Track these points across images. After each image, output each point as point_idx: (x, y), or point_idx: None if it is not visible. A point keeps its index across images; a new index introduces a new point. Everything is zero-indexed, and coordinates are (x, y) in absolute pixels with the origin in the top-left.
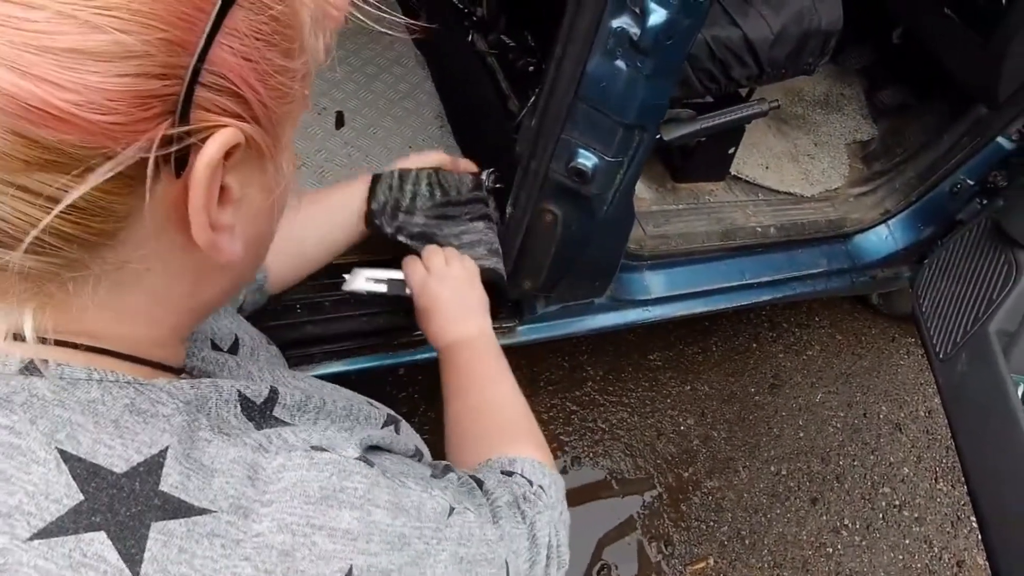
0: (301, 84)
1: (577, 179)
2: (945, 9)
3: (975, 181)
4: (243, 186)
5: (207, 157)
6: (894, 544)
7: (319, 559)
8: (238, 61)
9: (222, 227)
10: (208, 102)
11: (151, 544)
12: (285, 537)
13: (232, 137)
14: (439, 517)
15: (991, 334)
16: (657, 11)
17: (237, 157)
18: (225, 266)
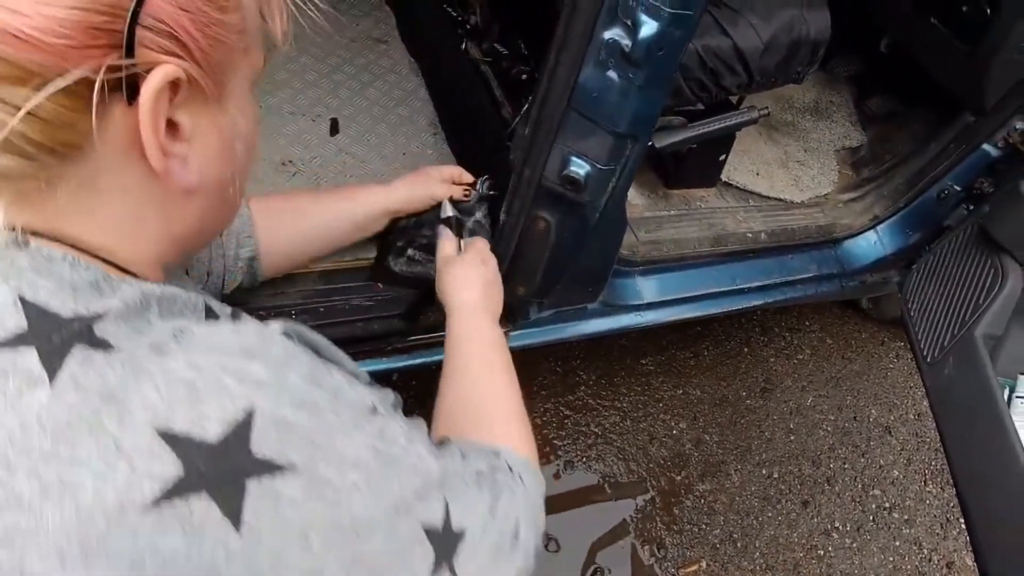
0: (239, 37)
1: (570, 187)
2: (931, 19)
3: (962, 187)
4: (194, 123)
5: (150, 85)
6: (884, 546)
7: (223, 395)
8: (174, 10)
9: (173, 155)
10: (151, 42)
11: (70, 361)
12: (194, 374)
13: (171, 72)
14: (358, 407)
15: (978, 338)
16: (648, 23)
17: (183, 95)
18: (189, 198)
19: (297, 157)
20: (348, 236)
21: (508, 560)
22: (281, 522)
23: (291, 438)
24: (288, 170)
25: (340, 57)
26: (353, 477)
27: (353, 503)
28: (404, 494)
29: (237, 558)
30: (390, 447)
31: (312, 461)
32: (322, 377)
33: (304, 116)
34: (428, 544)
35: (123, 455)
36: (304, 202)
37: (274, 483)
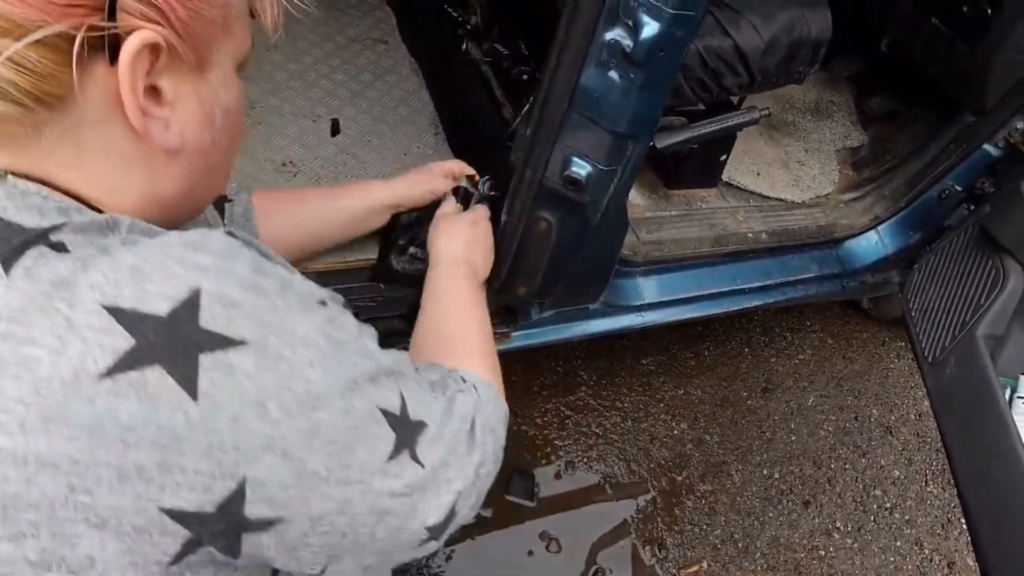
0: (220, 12)
1: (571, 187)
2: (932, 19)
3: (963, 187)
4: (175, 89)
5: (128, 47)
6: (886, 546)
7: (169, 276)
8: None
9: (153, 116)
10: (132, 8)
11: (24, 259)
12: (139, 261)
13: (149, 36)
14: (306, 296)
15: (979, 338)
16: (650, 24)
17: (164, 61)
18: (173, 161)
19: (298, 158)
20: (348, 230)
21: (467, 456)
22: (238, 391)
23: (239, 315)
24: (289, 171)
25: (340, 58)
26: (305, 353)
27: (308, 376)
28: (357, 374)
29: (198, 425)
30: (340, 333)
31: (263, 337)
32: (268, 268)
33: (305, 117)
34: (387, 426)
35: (75, 331)
36: (305, 194)
37: (227, 356)
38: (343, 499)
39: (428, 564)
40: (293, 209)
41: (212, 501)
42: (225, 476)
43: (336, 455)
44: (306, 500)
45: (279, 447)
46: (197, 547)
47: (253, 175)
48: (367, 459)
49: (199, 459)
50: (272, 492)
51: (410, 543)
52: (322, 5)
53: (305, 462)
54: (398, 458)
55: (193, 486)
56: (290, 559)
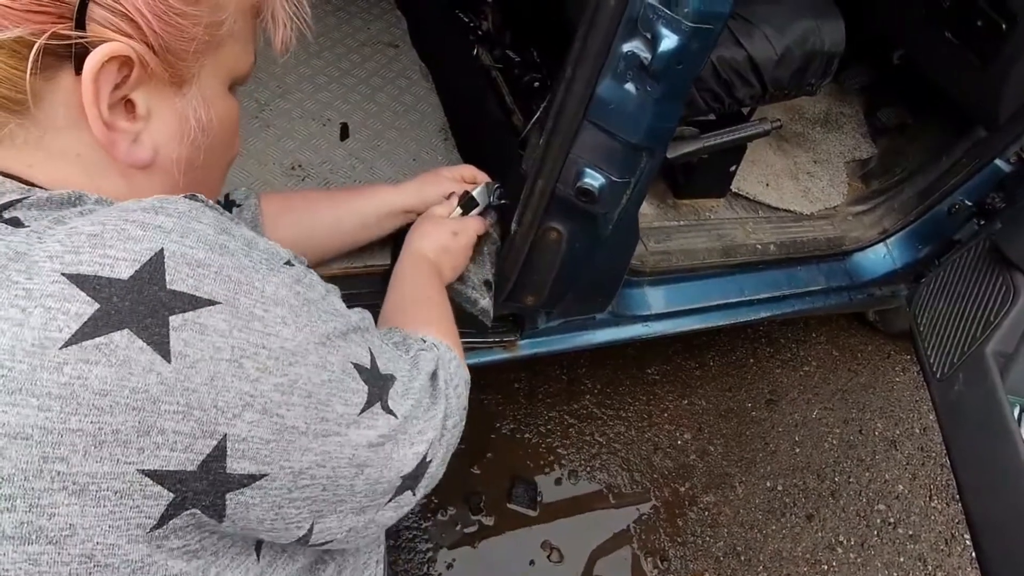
0: (206, 31)
1: (584, 198)
2: (945, 32)
3: (973, 202)
4: (149, 103)
5: (93, 58)
6: (889, 562)
7: (128, 240)
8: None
9: (119, 129)
10: (104, 20)
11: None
12: (97, 227)
13: (117, 49)
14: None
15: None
16: (669, 37)
17: (138, 75)
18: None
19: (307, 161)
20: (357, 236)
21: (432, 408)
22: (212, 351)
23: (207, 274)
24: (298, 174)
25: (351, 61)
26: (277, 311)
27: (282, 334)
28: (329, 330)
29: (173, 386)
30: (309, 291)
31: (233, 295)
32: (232, 229)
33: (314, 120)
34: (360, 380)
35: (35, 300)
36: (314, 197)
37: (198, 316)
38: (323, 451)
39: (428, 573)
40: (301, 214)
41: (193, 460)
42: (206, 435)
43: (314, 408)
44: (287, 454)
45: (259, 404)
46: (181, 510)
47: (262, 177)
48: (343, 411)
49: (178, 420)
50: (254, 448)
51: (386, 493)
52: (333, 9)
53: (284, 417)
54: (371, 410)
55: (173, 446)
56: (276, 518)
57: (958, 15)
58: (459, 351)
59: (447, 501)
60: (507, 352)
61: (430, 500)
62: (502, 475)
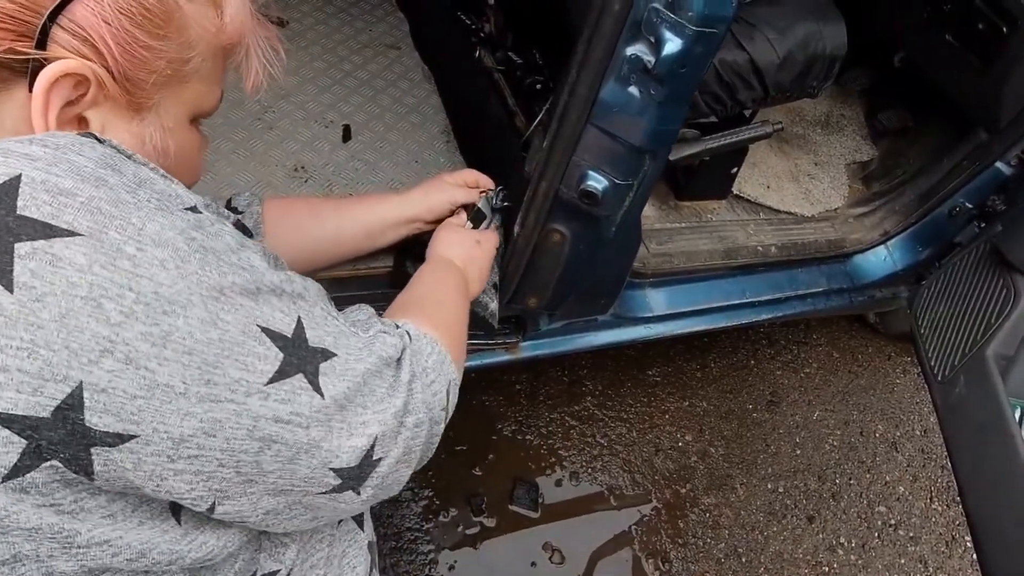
0: (170, 65)
1: (587, 201)
2: (946, 35)
3: (974, 205)
4: (104, 125)
5: (48, 74)
6: (890, 563)
7: None
8: (96, 21)
9: None
10: (66, 42)
11: None
12: None
13: (73, 67)
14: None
15: (989, 357)
16: (672, 40)
17: (91, 96)
18: None
19: (309, 163)
20: (361, 245)
21: (386, 399)
22: (66, 285)
23: (70, 203)
24: (300, 176)
25: (353, 63)
26: (156, 252)
27: (157, 277)
28: (225, 283)
29: (16, 319)
30: (210, 240)
31: (99, 229)
32: (123, 166)
33: (316, 122)
34: (272, 346)
35: None
36: (318, 204)
37: (51, 246)
38: (211, 419)
39: (430, 574)
40: (305, 220)
41: (44, 405)
42: (56, 379)
43: (195, 368)
44: (161, 415)
45: (121, 352)
46: (39, 460)
47: (264, 179)
48: (240, 376)
49: (23, 357)
50: (117, 401)
51: (315, 484)
52: (336, 11)
53: (155, 372)
54: (286, 381)
55: (19, 387)
56: (160, 487)
57: (959, 18)
58: (456, 352)
59: (448, 502)
60: (509, 354)
61: (431, 501)
62: (503, 476)
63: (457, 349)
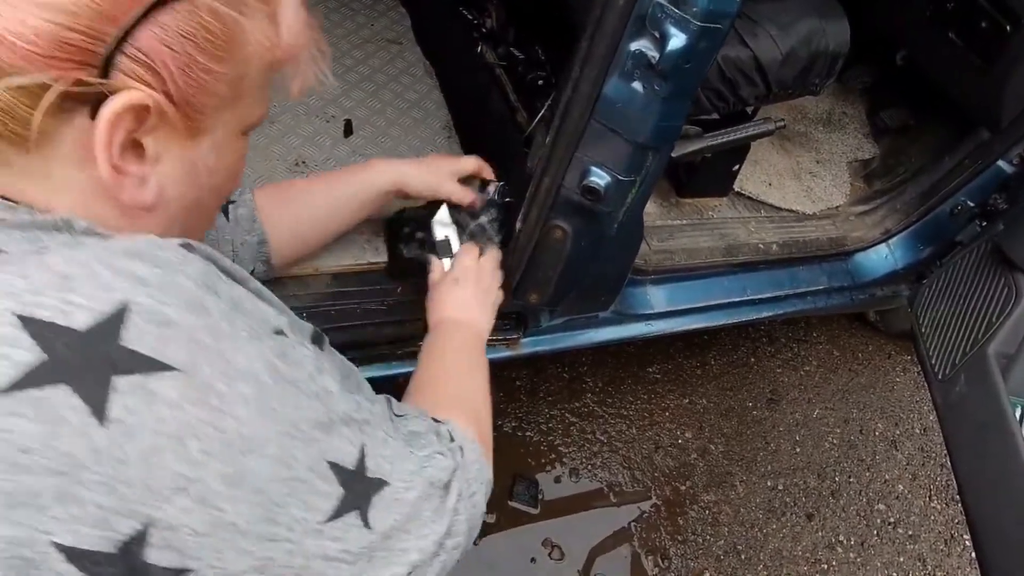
0: (228, 87)
1: (589, 197)
2: (949, 33)
3: (975, 203)
4: (159, 148)
5: (112, 106)
6: (888, 561)
7: (97, 286)
8: (160, 47)
9: (127, 172)
10: (128, 69)
11: None
12: (70, 268)
13: (138, 98)
14: (259, 323)
15: (990, 356)
16: (677, 36)
17: (151, 123)
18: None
19: (310, 158)
20: (355, 216)
21: (430, 524)
22: (155, 422)
23: (171, 336)
24: (301, 171)
25: (354, 58)
26: (242, 388)
27: (240, 415)
28: (301, 419)
29: (104, 454)
30: (292, 370)
31: (195, 364)
32: (219, 286)
33: (318, 117)
34: (335, 482)
35: None
36: (309, 184)
37: (148, 381)
38: (264, 556)
39: None
40: (299, 206)
41: (112, 541)
42: (128, 514)
43: (262, 507)
44: (219, 553)
45: (195, 490)
46: None
47: (265, 174)
48: (301, 516)
49: (101, 492)
50: (181, 539)
51: None
52: (337, 5)
53: (224, 511)
54: (342, 519)
55: (92, 522)
56: None
57: (961, 16)
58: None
59: None
60: (510, 350)
61: None
62: (503, 473)
63: (488, 434)
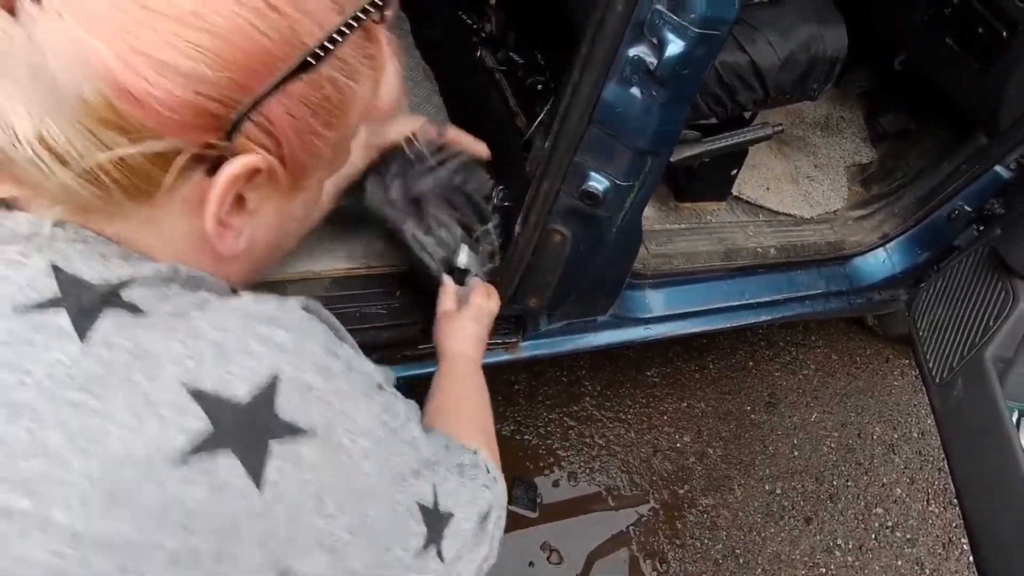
0: (332, 150)
1: (588, 202)
2: (947, 38)
3: (973, 208)
4: (259, 202)
5: (232, 168)
6: (887, 565)
7: (250, 357)
8: (284, 115)
9: (229, 225)
10: (251, 134)
11: (101, 322)
12: (220, 335)
13: (256, 162)
14: (367, 380)
15: (987, 360)
16: (675, 42)
17: (259, 180)
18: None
19: None
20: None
21: (475, 548)
22: (300, 483)
23: (312, 402)
24: None
25: None
26: (364, 444)
27: (364, 469)
28: (403, 467)
29: (257, 515)
30: (394, 420)
31: (330, 426)
32: (336, 348)
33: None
34: (422, 521)
35: (153, 409)
36: None
37: (297, 446)
38: None
39: None
40: None
41: None
42: (272, 566)
43: (375, 551)
44: None
45: (328, 542)
46: None
47: None
48: (400, 555)
49: (253, 548)
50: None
51: None
52: None
53: (347, 558)
54: (425, 552)
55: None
56: None
57: (959, 21)
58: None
59: None
60: (508, 353)
61: None
62: None
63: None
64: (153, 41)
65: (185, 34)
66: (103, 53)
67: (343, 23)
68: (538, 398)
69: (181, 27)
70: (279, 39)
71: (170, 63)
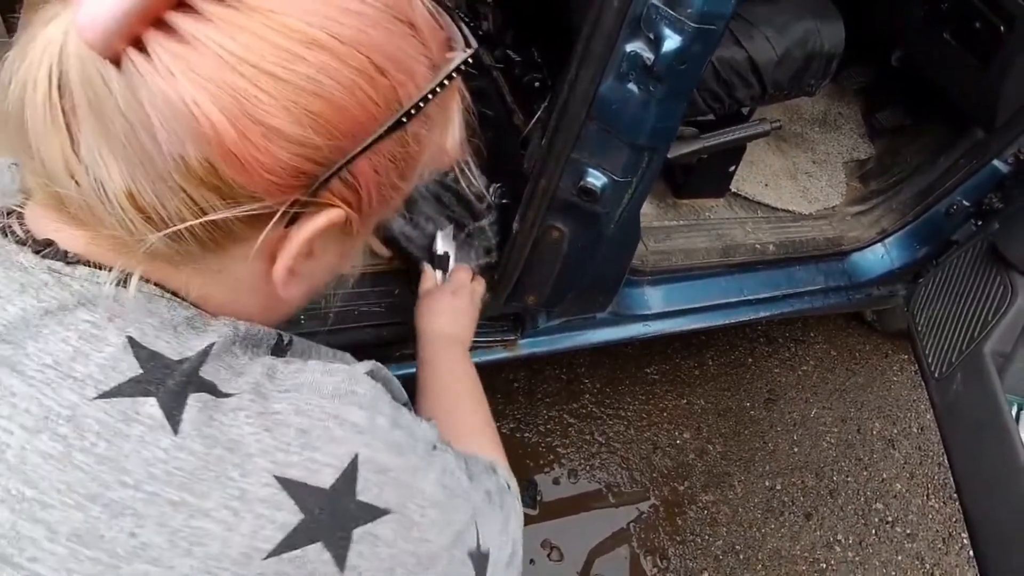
0: (400, 198)
1: (586, 198)
2: (944, 34)
3: (971, 203)
4: (324, 248)
5: (315, 224)
6: (887, 560)
7: (332, 442)
8: (369, 171)
9: (298, 273)
10: (336, 190)
11: (189, 410)
12: (302, 420)
13: (338, 217)
14: (427, 445)
15: (986, 355)
16: (672, 38)
17: (334, 230)
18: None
19: None
20: None
21: (508, 569)
22: (376, 562)
23: (387, 482)
24: None
25: None
26: (431, 514)
27: (429, 538)
28: (461, 523)
29: None
30: (452, 482)
31: (403, 502)
32: (400, 418)
33: None
34: (471, 565)
35: (248, 504)
36: None
37: (374, 527)
38: None
39: None
40: None
41: None
42: None
43: None
44: None
45: None
46: None
47: None
48: None
49: None
50: None
51: None
52: None
53: None
54: None
55: None
56: None
57: (957, 17)
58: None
59: None
60: (507, 351)
61: None
62: None
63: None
64: (268, 107)
65: (301, 100)
66: (214, 117)
67: (437, 83)
68: (537, 396)
69: (298, 94)
70: (384, 104)
71: (282, 129)
